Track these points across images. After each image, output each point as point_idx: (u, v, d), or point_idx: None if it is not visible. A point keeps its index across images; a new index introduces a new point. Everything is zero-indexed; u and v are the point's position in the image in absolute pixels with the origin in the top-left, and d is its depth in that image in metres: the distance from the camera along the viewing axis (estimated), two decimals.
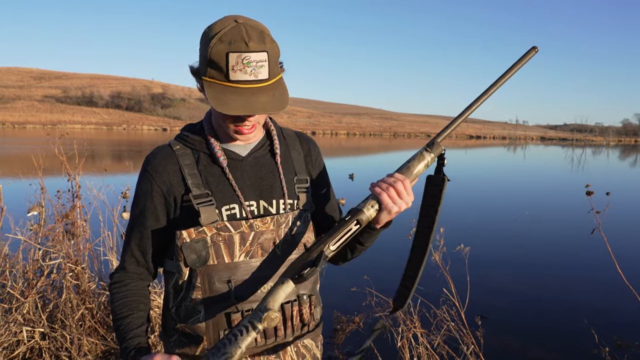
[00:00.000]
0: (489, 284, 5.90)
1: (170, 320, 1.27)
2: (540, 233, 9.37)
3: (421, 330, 2.97)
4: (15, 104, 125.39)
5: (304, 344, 1.32)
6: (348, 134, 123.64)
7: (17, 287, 3.50)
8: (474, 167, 27.67)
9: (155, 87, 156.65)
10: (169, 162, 1.23)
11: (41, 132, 5.74)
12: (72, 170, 3.87)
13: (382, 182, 1.17)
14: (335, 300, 4.66)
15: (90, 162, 17.69)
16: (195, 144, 1.26)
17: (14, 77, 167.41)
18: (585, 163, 34.40)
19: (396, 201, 1.15)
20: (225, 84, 1.09)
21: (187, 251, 1.17)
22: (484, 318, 4.55)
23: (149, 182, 1.23)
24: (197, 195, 1.19)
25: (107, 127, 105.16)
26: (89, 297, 3.55)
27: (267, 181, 1.28)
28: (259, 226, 1.22)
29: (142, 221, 1.24)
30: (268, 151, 1.31)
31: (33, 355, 3.26)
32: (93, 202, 4.11)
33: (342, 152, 38.23)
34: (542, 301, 5.54)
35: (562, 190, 16.62)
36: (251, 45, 1.07)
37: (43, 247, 3.65)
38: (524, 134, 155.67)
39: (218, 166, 1.24)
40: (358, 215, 1.15)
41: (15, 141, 38.05)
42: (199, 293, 1.19)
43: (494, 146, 73.04)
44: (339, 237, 1.16)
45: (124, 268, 1.28)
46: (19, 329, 3.25)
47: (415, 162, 1.19)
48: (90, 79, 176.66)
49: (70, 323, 3.35)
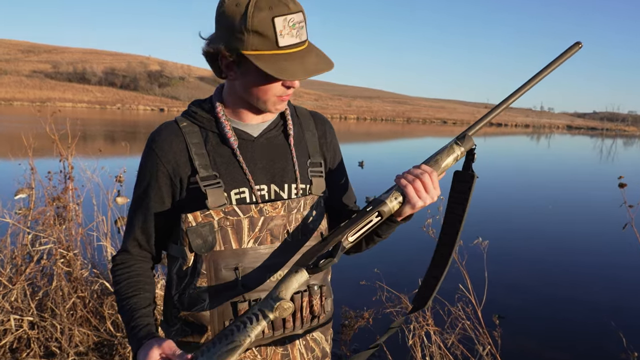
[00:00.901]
0: (508, 281, 5.90)
1: (172, 308, 1.28)
2: (564, 228, 9.35)
3: (434, 328, 2.98)
4: (1, 79, 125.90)
5: (314, 337, 1.33)
6: (358, 119, 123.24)
7: (4, 273, 3.54)
8: (494, 157, 27.54)
9: (152, 64, 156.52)
10: (175, 140, 1.23)
11: (30, 109, 5.77)
12: (65, 150, 3.90)
13: (408, 174, 1.17)
14: (343, 294, 4.67)
15: (83, 143, 17.77)
16: (204, 122, 1.25)
17: (1, 50, 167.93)
18: (616, 154, 34.15)
19: (421, 195, 1.15)
20: (275, 52, 1.09)
21: (192, 235, 1.17)
22: (502, 318, 4.56)
23: (153, 161, 1.23)
24: (205, 177, 1.19)
25: (100, 106, 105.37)
26: (81, 285, 3.60)
27: (279, 164, 1.28)
28: (269, 211, 1.23)
29: (146, 202, 1.25)
30: (281, 132, 1.31)
31: (21, 345, 3.31)
32: (86, 185, 4.12)
33: (351, 138, 38.12)
34: (566, 301, 5.54)
35: (589, 183, 16.53)
36: (291, 7, 1.08)
37: (32, 232, 3.69)
38: (549, 122, 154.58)
39: (228, 147, 1.24)
40: (380, 206, 1.16)
41: (3, 119, 38.26)
42: (204, 280, 1.20)
43: (516, 134, 72.58)
44: (359, 229, 1.16)
45: (126, 250, 1.29)
46: (7, 317, 3.30)
47: (444, 155, 1.19)
48: (83, 53, 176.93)
49: (61, 312, 3.40)
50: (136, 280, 1.25)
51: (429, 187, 1.16)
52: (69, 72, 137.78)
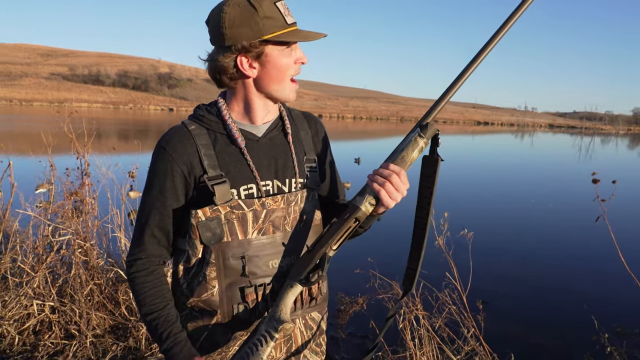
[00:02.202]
0: (492, 270, 5.95)
1: (181, 296, 1.30)
2: (545, 221, 9.39)
3: (423, 312, 3.01)
4: (22, 81, 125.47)
5: (312, 316, 1.37)
6: (354, 118, 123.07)
7: (27, 261, 3.58)
8: (481, 154, 27.56)
9: (162, 66, 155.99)
10: (187, 142, 1.24)
11: (49, 110, 5.78)
12: (81, 148, 3.92)
13: (378, 176, 1.17)
14: (339, 281, 4.71)
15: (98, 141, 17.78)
16: (211, 124, 1.28)
17: (22, 54, 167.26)
18: (594, 151, 34.17)
19: (393, 195, 1.17)
20: (287, 30, 1.21)
21: (202, 229, 1.20)
22: (486, 303, 4.59)
23: (168, 162, 1.23)
24: (213, 177, 1.22)
25: (114, 106, 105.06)
26: (98, 273, 3.63)
27: (281, 161, 1.32)
28: (271, 204, 1.26)
29: (162, 201, 1.25)
30: (281, 131, 1.35)
31: (43, 328, 3.34)
32: (102, 180, 4.15)
33: (348, 136, 38.12)
34: (545, 288, 5.59)
35: (568, 178, 16.56)
36: None
37: (52, 224, 3.72)
38: (533, 121, 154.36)
39: (236, 147, 1.27)
40: (357, 213, 1.18)
41: (24, 118, 38.19)
42: (213, 269, 1.23)
43: (502, 132, 72.56)
44: (340, 237, 1.20)
45: (145, 250, 1.26)
46: (30, 302, 3.34)
47: (410, 150, 1.18)
48: (97, 57, 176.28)
49: (79, 298, 3.43)
50: (160, 289, 1.25)
51: (400, 187, 1.17)
52: (84, 74, 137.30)
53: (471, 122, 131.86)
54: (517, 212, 10.15)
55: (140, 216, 1.28)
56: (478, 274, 3.34)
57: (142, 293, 1.23)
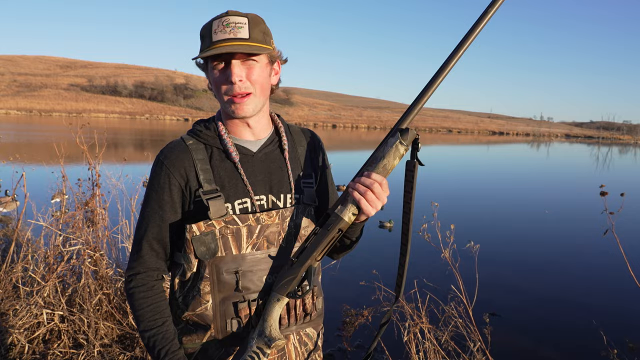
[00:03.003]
0: (500, 282, 5.88)
1: (177, 309, 1.31)
2: (557, 232, 9.26)
3: (428, 325, 2.99)
4: (42, 92, 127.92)
5: (306, 332, 1.37)
6: (369, 128, 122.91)
7: (38, 271, 3.63)
8: (495, 165, 27.30)
9: (178, 77, 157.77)
10: (184, 157, 1.26)
11: (67, 120, 5.91)
12: (93, 159, 3.99)
13: (359, 185, 1.17)
14: (344, 293, 4.70)
15: (112, 151, 18.00)
16: (208, 139, 1.30)
17: (42, 65, 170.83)
18: (611, 162, 33.63)
19: (374, 203, 1.17)
20: (209, 48, 1.19)
21: (196, 244, 1.22)
22: (493, 316, 4.55)
23: (166, 176, 1.25)
24: (208, 191, 1.23)
25: (131, 117, 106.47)
26: (106, 283, 3.66)
27: (276, 176, 1.33)
28: (265, 219, 1.27)
29: (160, 214, 1.26)
30: (277, 147, 1.36)
31: (52, 337, 3.38)
32: (112, 191, 4.21)
33: (361, 146, 38.02)
34: (553, 302, 5.51)
35: (583, 189, 16.32)
36: (230, 12, 1.21)
37: (63, 234, 3.78)
38: (549, 131, 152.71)
39: (230, 161, 1.28)
40: (340, 224, 1.19)
41: (41, 128, 38.93)
42: (207, 283, 1.24)
43: (517, 142, 71.81)
44: (324, 248, 1.20)
45: (144, 263, 1.26)
46: (40, 311, 3.38)
47: (391, 158, 1.17)
48: (115, 68, 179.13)
49: (88, 307, 3.47)
50: (158, 305, 1.25)
51: (381, 195, 1.17)
52: (102, 85, 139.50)
53: (486, 132, 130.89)
54: (527, 223, 10.02)
55: (138, 229, 1.29)
56: (486, 286, 3.31)
57: (141, 309, 1.24)
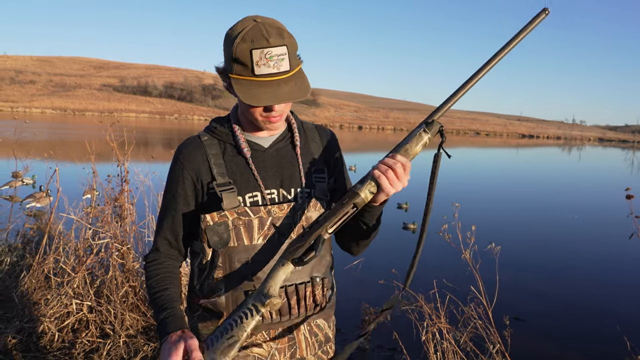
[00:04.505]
0: (522, 285, 5.81)
1: (194, 297, 1.38)
2: (584, 238, 9.06)
3: (447, 326, 2.99)
4: (76, 92, 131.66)
5: (317, 323, 1.41)
6: (395, 129, 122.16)
7: (69, 262, 3.78)
8: (524, 168, 26.80)
9: (206, 78, 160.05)
10: (198, 151, 1.34)
11: (100, 119, 6.11)
12: (122, 156, 4.12)
13: (381, 164, 1.21)
14: (363, 292, 4.72)
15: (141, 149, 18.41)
16: (222, 135, 1.37)
17: (76, 66, 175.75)
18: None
19: (394, 184, 1.20)
20: (251, 78, 1.19)
21: (210, 233, 1.27)
22: (514, 319, 4.49)
23: (180, 170, 1.34)
24: (221, 184, 1.30)
25: (160, 116, 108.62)
26: (133, 275, 3.79)
27: (287, 171, 1.38)
28: (276, 212, 1.32)
29: (174, 205, 1.35)
30: (289, 143, 1.41)
31: (81, 327, 3.52)
32: (140, 187, 4.35)
33: (387, 147, 37.72)
34: (577, 306, 5.40)
35: (614, 194, 15.88)
36: (271, 41, 1.17)
37: (93, 227, 3.92)
38: (581, 135, 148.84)
39: (242, 157, 1.35)
40: (355, 198, 1.21)
41: (74, 127, 40.10)
42: (220, 272, 1.30)
43: (548, 146, 70.28)
44: (336, 221, 1.22)
45: (157, 249, 1.37)
46: (69, 301, 3.52)
47: (414, 143, 1.22)
48: (146, 69, 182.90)
49: (115, 299, 3.59)
50: (167, 276, 1.33)
51: (401, 176, 1.20)
52: (133, 85, 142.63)
53: (515, 135, 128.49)
54: (554, 228, 9.83)
55: (158, 218, 1.41)
56: (507, 289, 3.29)
57: (151, 278, 1.33)
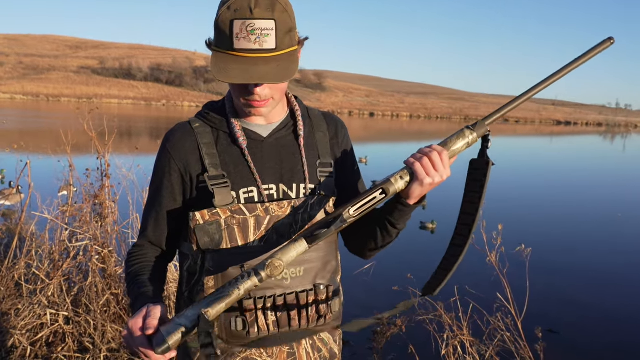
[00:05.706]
0: (556, 293, 5.78)
1: (183, 304, 1.37)
2: (629, 240, 8.99)
3: (470, 338, 2.98)
4: (50, 74, 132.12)
5: (321, 337, 1.39)
6: (411, 117, 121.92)
7: (42, 268, 3.78)
8: (559, 159, 26.67)
9: (198, 59, 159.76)
10: (187, 139, 1.33)
11: (77, 105, 6.12)
12: (102, 148, 4.12)
13: (417, 153, 1.22)
14: (375, 299, 4.72)
15: (125, 140, 18.47)
16: (215, 122, 1.35)
17: (49, 46, 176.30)
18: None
19: (430, 172, 1.18)
20: (228, 52, 1.17)
21: (200, 233, 1.26)
22: (547, 331, 4.49)
23: (167, 160, 1.33)
24: (213, 177, 1.28)
25: (146, 103, 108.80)
26: (115, 282, 3.80)
27: (288, 164, 1.35)
28: (275, 210, 1.30)
29: (159, 200, 1.35)
30: (291, 132, 1.39)
31: (56, 340, 3.53)
32: (122, 183, 4.33)
33: (403, 137, 37.77)
34: (619, 319, 5.37)
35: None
36: (256, 13, 1.14)
37: (70, 228, 3.92)
38: (626, 120, 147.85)
39: (237, 147, 1.32)
40: (385, 184, 1.20)
41: (48, 115, 40.27)
42: (211, 278, 1.28)
43: (587, 134, 69.87)
44: (361, 203, 1.20)
45: (139, 245, 1.39)
46: (43, 311, 3.53)
47: (455, 138, 1.24)
48: (129, 49, 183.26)
49: (95, 308, 3.60)
50: (148, 265, 1.35)
51: (438, 165, 1.18)
52: (115, 67, 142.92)
53: (550, 122, 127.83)
54: (593, 228, 9.77)
55: (142, 216, 1.42)
56: (539, 297, 3.28)
57: (129, 268, 1.35)
